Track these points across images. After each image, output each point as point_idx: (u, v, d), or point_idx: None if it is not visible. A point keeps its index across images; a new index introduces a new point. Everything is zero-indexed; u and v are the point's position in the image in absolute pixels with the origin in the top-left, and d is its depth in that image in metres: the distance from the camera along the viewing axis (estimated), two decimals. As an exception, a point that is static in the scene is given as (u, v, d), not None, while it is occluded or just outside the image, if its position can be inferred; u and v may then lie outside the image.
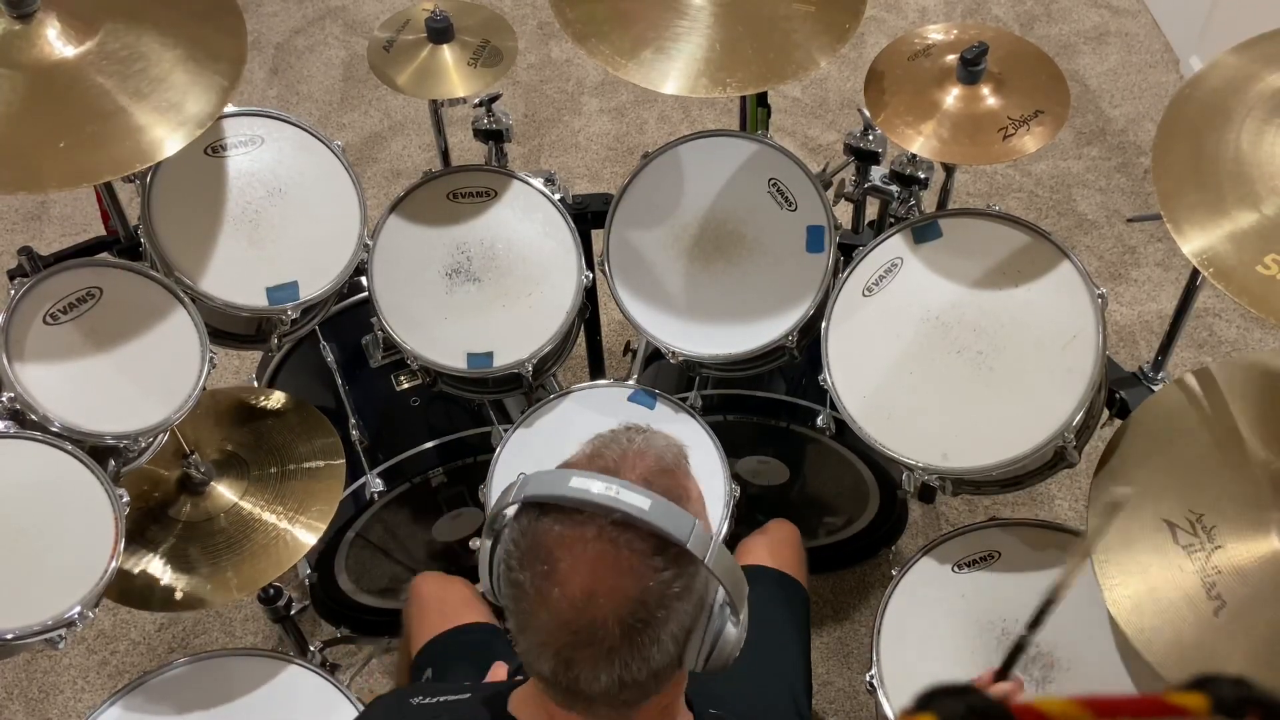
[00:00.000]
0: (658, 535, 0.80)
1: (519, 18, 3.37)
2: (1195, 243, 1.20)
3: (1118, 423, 1.46)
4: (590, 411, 1.72)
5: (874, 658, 1.47)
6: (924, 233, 1.54)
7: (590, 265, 1.72)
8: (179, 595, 1.48)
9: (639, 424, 0.91)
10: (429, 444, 1.79)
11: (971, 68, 1.49)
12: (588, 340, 2.09)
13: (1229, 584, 1.21)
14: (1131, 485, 1.33)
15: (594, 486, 0.80)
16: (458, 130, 1.89)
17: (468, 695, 1.01)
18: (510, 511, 0.86)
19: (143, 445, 1.47)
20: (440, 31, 1.64)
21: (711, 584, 0.84)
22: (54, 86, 1.28)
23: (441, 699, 1.01)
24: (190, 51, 1.35)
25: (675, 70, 1.47)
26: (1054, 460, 1.50)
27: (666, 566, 0.80)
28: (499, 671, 1.30)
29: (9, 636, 1.24)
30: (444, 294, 1.68)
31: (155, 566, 1.50)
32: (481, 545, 0.90)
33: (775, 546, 1.58)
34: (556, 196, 1.72)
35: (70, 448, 1.31)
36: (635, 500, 0.79)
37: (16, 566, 1.26)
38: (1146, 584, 1.25)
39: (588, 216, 1.79)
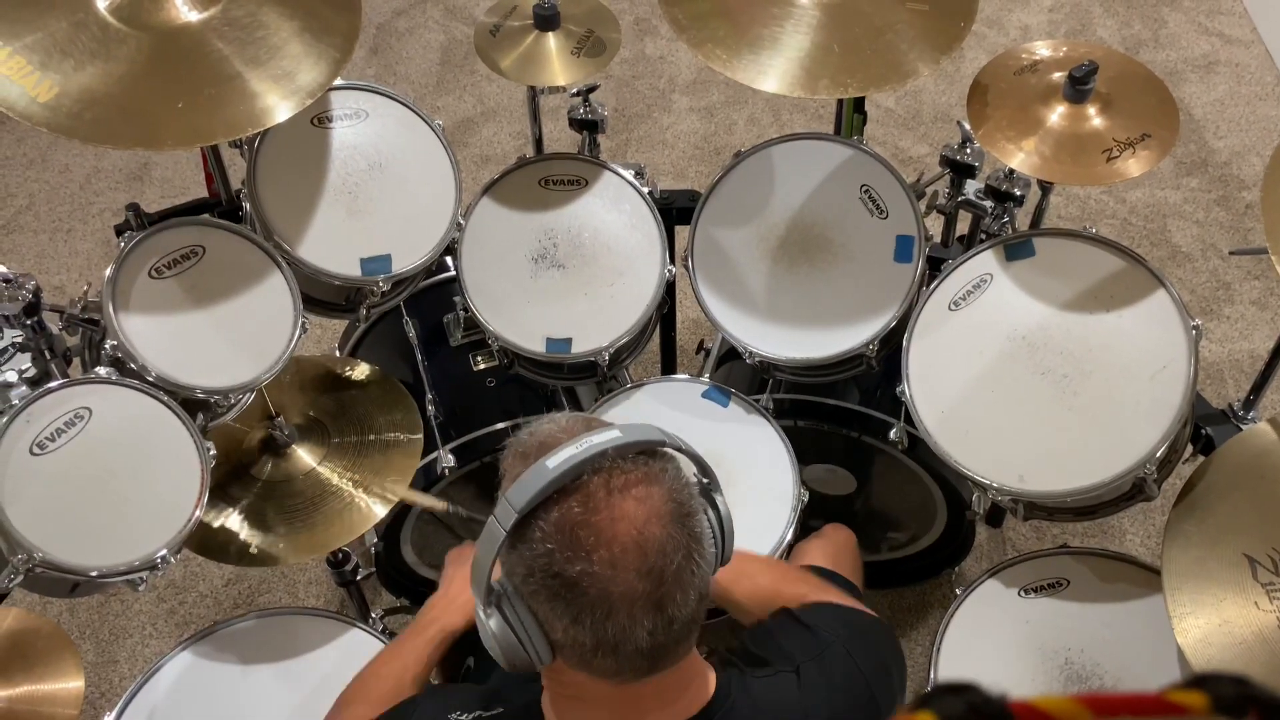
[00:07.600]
0: (639, 451, 0.86)
1: (616, 12, 3.38)
2: (1303, 279, 1.17)
3: (1199, 460, 1.42)
4: (662, 406, 1.72)
5: (931, 675, 1.45)
6: (1017, 250, 1.52)
7: (673, 260, 1.73)
8: (254, 550, 1.52)
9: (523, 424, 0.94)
10: (501, 424, 1.82)
11: (1080, 86, 1.46)
12: (662, 336, 2.09)
13: (1311, 630, 1.18)
14: (1212, 519, 1.30)
15: (568, 452, 0.83)
16: (547, 120, 1.91)
17: (500, 710, 1.02)
18: (502, 563, 0.89)
19: (231, 402, 1.51)
20: (547, 19, 1.66)
21: (684, 469, 0.91)
22: (177, 49, 1.33)
23: (475, 714, 1.02)
24: (307, 23, 1.39)
25: (778, 70, 1.47)
26: (1132, 492, 1.47)
27: (663, 465, 0.87)
28: None
29: (94, 574, 1.29)
30: (529, 278, 1.70)
31: (234, 521, 1.54)
32: (488, 622, 0.90)
33: (831, 550, 1.57)
34: (645, 190, 1.73)
35: (165, 398, 1.36)
36: (607, 436, 0.84)
37: (107, 507, 1.31)
38: (1219, 616, 1.22)
39: (673, 212, 1.80)
